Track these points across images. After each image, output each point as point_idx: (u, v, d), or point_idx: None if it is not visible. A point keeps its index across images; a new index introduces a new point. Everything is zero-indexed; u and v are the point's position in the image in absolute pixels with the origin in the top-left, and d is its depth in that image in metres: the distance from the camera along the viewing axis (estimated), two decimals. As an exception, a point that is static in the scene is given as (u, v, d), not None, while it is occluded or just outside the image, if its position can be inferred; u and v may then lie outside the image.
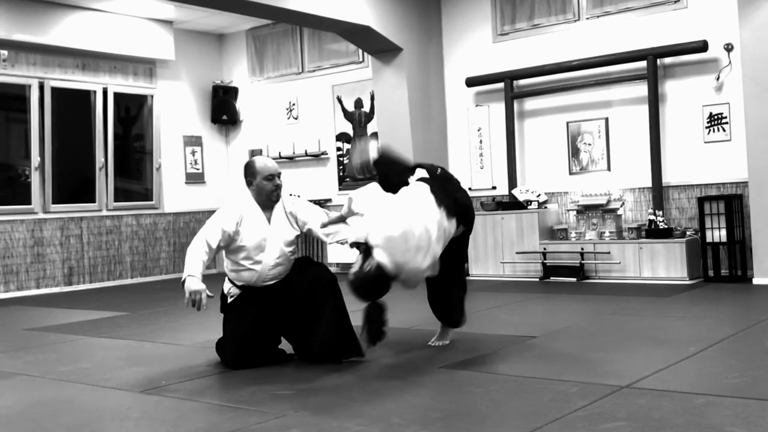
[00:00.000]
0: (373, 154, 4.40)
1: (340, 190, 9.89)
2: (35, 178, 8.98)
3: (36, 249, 9.01)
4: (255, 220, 4.25)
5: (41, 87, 9.03)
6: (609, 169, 8.01)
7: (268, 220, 4.27)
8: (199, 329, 5.59)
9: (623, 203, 7.78)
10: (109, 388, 3.89)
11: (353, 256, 3.91)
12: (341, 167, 9.90)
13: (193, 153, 10.69)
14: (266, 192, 4.25)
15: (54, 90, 9.14)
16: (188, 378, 3.98)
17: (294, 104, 10.35)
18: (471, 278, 8.30)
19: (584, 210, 7.81)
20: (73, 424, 3.23)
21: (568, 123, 8.25)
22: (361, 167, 4.44)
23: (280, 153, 10.31)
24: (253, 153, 10.71)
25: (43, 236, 9.07)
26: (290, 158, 10.28)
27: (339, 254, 9.73)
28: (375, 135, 8.58)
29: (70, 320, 6.53)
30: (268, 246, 4.21)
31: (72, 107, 9.46)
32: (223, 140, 11.08)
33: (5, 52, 8.67)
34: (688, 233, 7.36)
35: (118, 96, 9.78)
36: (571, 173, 8.25)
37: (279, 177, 4.28)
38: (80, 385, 3.97)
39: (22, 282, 8.89)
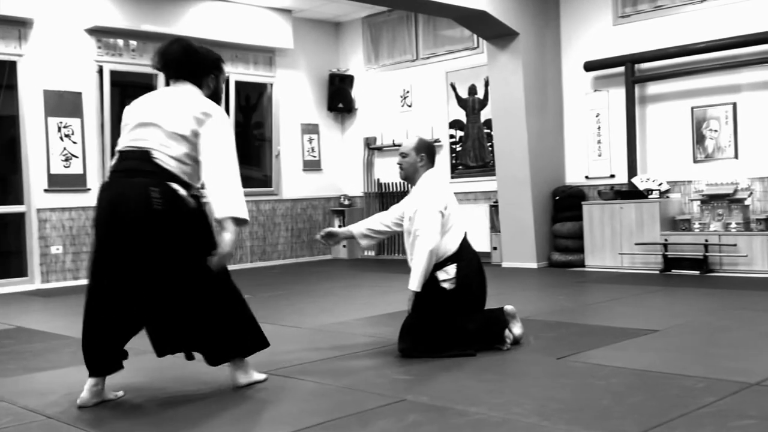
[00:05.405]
0: None
1: (452, 177, 9.88)
2: (162, 164, 9.37)
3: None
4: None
5: (167, 77, 9.39)
6: (736, 156, 7.65)
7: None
8: (311, 311, 5.74)
9: (751, 193, 7.42)
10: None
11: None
12: (454, 155, 9.88)
13: (310, 141, 10.91)
14: None
15: (179, 79, 9.49)
16: (308, 361, 4.09)
17: (408, 92, 10.40)
18: (586, 269, 8.14)
19: (709, 200, 7.50)
20: (189, 404, 3.38)
21: (692, 108, 7.93)
22: None
23: (393, 141, 10.39)
24: (368, 141, 10.84)
25: (169, 220, 9.45)
26: (404, 145, 10.32)
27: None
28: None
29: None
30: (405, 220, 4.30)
31: (196, 96, 9.79)
32: (338, 128, 11.25)
33: (135, 43, 9.10)
34: (823, 225, 6.97)
35: (239, 84, 10.09)
36: (695, 161, 7.93)
37: (401, 156, 4.34)
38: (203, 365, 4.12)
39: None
